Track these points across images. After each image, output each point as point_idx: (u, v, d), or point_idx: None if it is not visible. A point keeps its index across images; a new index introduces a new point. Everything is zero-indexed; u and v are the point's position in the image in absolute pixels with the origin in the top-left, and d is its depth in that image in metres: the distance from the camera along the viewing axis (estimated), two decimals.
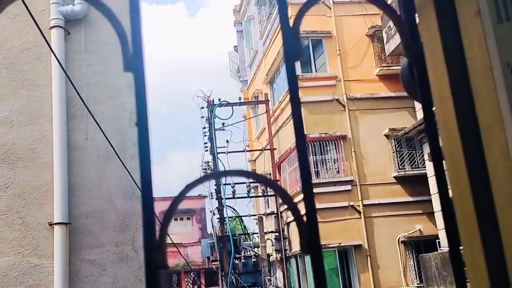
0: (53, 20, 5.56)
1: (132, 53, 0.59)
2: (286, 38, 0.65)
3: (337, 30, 18.66)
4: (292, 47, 0.65)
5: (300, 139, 0.69)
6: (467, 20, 0.63)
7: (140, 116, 0.58)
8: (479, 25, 0.61)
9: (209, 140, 19.98)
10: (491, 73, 0.60)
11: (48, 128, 5.31)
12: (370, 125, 17.72)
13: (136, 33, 0.59)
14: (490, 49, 0.61)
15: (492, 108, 0.60)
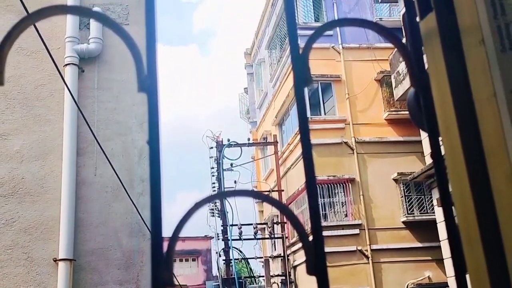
0: (68, 57, 5.69)
1: (146, 74, 0.61)
2: (295, 65, 0.67)
3: (346, 74, 18.87)
4: (302, 73, 0.66)
5: (306, 147, 0.70)
6: (471, 49, 0.64)
7: (152, 136, 0.59)
8: (483, 54, 0.63)
9: (217, 180, 19.97)
10: (495, 100, 0.61)
11: (57, 163, 5.35)
12: (378, 168, 17.66)
13: (151, 54, 0.61)
14: (494, 77, 0.62)
15: (496, 134, 0.61)
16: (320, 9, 20.20)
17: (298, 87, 0.67)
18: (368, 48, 18.93)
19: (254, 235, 19.76)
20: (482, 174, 0.61)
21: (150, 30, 0.63)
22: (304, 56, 0.68)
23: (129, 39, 0.63)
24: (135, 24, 6.12)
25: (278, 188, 19.86)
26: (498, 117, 0.60)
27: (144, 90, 0.62)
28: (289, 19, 0.65)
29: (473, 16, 0.65)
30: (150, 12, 0.62)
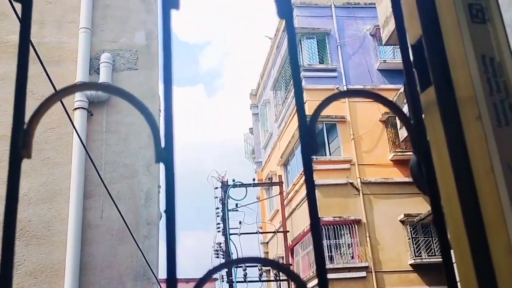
0: (78, 102, 5.79)
1: (163, 146, 0.65)
2: (302, 135, 0.71)
3: (351, 115, 19.02)
4: (309, 145, 0.70)
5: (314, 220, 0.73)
6: (469, 123, 0.68)
7: (168, 206, 0.63)
8: (480, 129, 0.67)
9: (222, 220, 19.86)
10: (492, 173, 0.65)
11: (64, 206, 5.37)
12: (385, 210, 17.55)
13: (169, 127, 0.65)
14: (490, 151, 0.66)
15: (495, 206, 0.64)
16: (324, 51, 20.54)
17: (306, 156, 0.70)
18: (373, 89, 19.14)
19: (259, 277, 19.49)
20: (482, 245, 0.64)
21: (167, 105, 0.67)
22: (312, 126, 0.72)
23: (147, 113, 0.67)
24: (143, 68, 6.26)
25: (284, 229, 19.71)
26: (495, 191, 0.63)
27: (162, 161, 0.66)
28: (298, 96, 0.69)
29: (470, 92, 0.69)
30: (168, 92, 0.67)
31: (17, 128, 0.63)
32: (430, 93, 0.74)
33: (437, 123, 0.73)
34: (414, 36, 0.77)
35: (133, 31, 6.43)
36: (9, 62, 6.04)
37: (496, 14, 0.71)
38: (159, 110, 6.54)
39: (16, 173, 0.62)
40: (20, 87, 0.64)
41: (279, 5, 0.79)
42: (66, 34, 6.24)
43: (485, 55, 0.69)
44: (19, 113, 0.64)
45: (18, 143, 0.62)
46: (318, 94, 19.24)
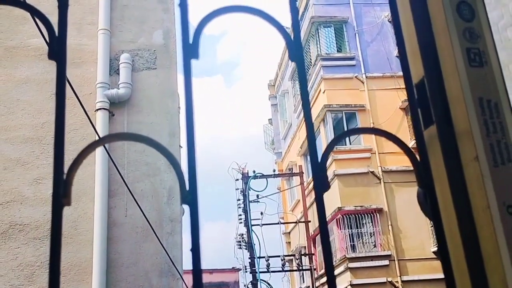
0: (99, 103, 5.92)
1: (188, 189, 0.72)
2: (314, 172, 0.77)
3: (370, 103, 18.92)
4: (321, 181, 0.76)
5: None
6: (467, 163, 0.74)
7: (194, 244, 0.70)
8: (478, 168, 0.72)
9: (244, 212, 20.02)
10: (489, 211, 0.70)
11: (90, 205, 5.52)
12: (406, 198, 17.48)
13: (192, 170, 0.72)
14: (487, 190, 0.71)
15: (491, 242, 0.70)
16: (342, 40, 20.42)
17: (319, 193, 0.77)
18: (392, 77, 18.98)
19: (282, 267, 19.63)
20: (481, 277, 0.70)
21: (190, 148, 0.74)
22: (323, 162, 0.79)
23: (173, 159, 0.74)
24: (162, 67, 6.35)
25: (305, 219, 19.79)
26: (492, 227, 0.69)
27: (187, 203, 0.73)
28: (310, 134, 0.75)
29: (468, 133, 0.74)
30: (190, 134, 0.74)
31: (58, 178, 0.71)
32: (433, 131, 0.79)
33: (439, 159, 0.78)
34: (418, 76, 0.82)
35: (151, 30, 6.52)
36: (31, 66, 6.19)
37: (493, 57, 0.76)
38: (178, 107, 6.64)
39: (58, 220, 0.69)
40: (58, 139, 0.71)
41: (291, 49, 0.85)
42: (85, 36, 6.36)
43: (482, 97, 0.74)
44: (59, 165, 0.71)
45: (59, 192, 0.70)
46: (337, 83, 19.18)
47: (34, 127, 5.86)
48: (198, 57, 0.83)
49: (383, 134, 0.83)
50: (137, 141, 0.77)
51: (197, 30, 0.84)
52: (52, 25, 0.78)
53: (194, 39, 0.83)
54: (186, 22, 0.83)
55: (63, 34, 0.74)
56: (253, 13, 0.83)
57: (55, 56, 0.74)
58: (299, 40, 0.85)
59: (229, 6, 0.83)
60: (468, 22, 0.78)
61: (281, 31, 0.85)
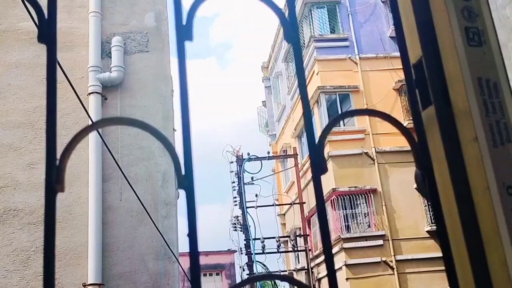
0: (91, 86, 5.87)
1: (184, 173, 0.71)
2: (312, 154, 0.76)
3: (364, 84, 18.89)
4: (318, 163, 0.75)
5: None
6: (466, 144, 0.73)
7: (191, 229, 0.69)
8: (477, 149, 0.71)
9: (238, 194, 20.08)
10: (488, 192, 0.70)
11: (84, 190, 5.50)
12: (400, 178, 17.57)
13: (188, 155, 0.71)
14: (487, 170, 0.71)
15: (491, 223, 0.69)
16: (335, 21, 20.29)
17: (316, 175, 0.76)
18: (385, 58, 18.94)
19: (277, 249, 19.78)
20: (481, 257, 0.70)
21: (185, 133, 0.73)
22: (320, 146, 0.77)
23: (167, 143, 0.73)
24: (155, 50, 6.29)
25: (300, 201, 19.88)
26: (491, 208, 0.68)
27: (183, 188, 0.72)
28: (307, 117, 0.74)
29: (467, 113, 0.73)
30: (185, 120, 0.72)
31: (50, 164, 0.69)
32: (431, 111, 0.78)
33: (438, 140, 0.78)
34: (415, 56, 0.81)
35: (143, 13, 6.44)
36: (22, 50, 6.11)
37: (492, 36, 0.75)
38: (172, 90, 6.59)
39: (51, 207, 0.68)
40: (50, 124, 0.70)
41: (286, 30, 0.84)
42: (76, 19, 6.28)
43: (481, 77, 0.73)
44: (51, 150, 0.70)
45: (52, 178, 0.69)
46: (330, 64, 19.11)
47: (26, 112, 5.81)
48: (192, 39, 0.81)
49: (380, 115, 0.82)
50: (131, 126, 0.76)
51: (191, 12, 0.82)
52: (41, 8, 0.76)
53: (187, 20, 0.81)
54: (179, 4, 0.81)
55: (53, 16, 0.72)
56: None
57: (45, 39, 0.72)
58: (294, 20, 0.83)
59: None
60: (467, 1, 0.77)
61: (276, 11, 0.83)
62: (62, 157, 0.70)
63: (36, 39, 0.78)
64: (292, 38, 0.82)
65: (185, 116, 0.74)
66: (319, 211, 0.80)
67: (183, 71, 0.79)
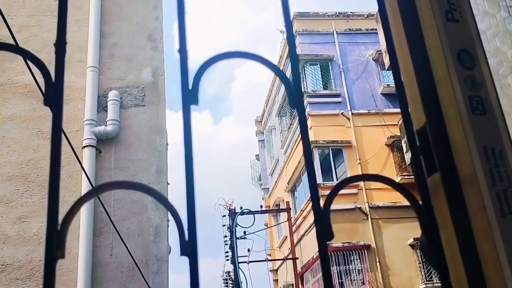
0: (86, 140, 5.86)
1: (187, 240, 0.69)
2: (317, 220, 0.75)
3: (356, 139, 19.05)
4: (324, 229, 0.74)
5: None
6: (474, 213, 0.72)
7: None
8: (485, 218, 0.71)
9: (230, 248, 19.76)
10: (499, 262, 0.68)
11: (74, 244, 5.39)
12: (394, 234, 17.43)
13: (192, 221, 0.69)
14: (496, 240, 0.70)
15: None
16: (328, 77, 20.69)
17: (321, 242, 0.74)
18: (377, 114, 19.21)
19: None
20: None
21: (189, 197, 0.72)
22: (326, 211, 0.76)
23: (172, 209, 0.72)
24: (150, 104, 6.34)
25: (293, 256, 19.58)
26: (503, 279, 0.67)
27: (186, 254, 0.70)
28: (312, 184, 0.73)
29: (473, 182, 0.73)
30: (189, 182, 0.72)
31: (51, 230, 0.68)
32: (436, 178, 0.78)
33: (444, 206, 0.77)
34: (419, 122, 0.81)
35: (140, 68, 6.54)
36: (18, 103, 6.14)
37: (496, 104, 0.76)
38: (166, 144, 6.60)
39: (51, 273, 0.66)
40: (52, 191, 0.69)
41: (291, 95, 0.84)
42: (74, 73, 6.35)
43: (487, 146, 0.73)
44: (53, 216, 0.68)
45: (52, 245, 0.67)
46: (323, 119, 19.33)
47: (19, 165, 5.77)
48: (198, 103, 0.81)
49: (386, 181, 0.82)
50: (136, 190, 0.75)
51: (196, 77, 0.83)
52: (49, 71, 0.77)
53: (193, 85, 0.81)
54: (186, 68, 0.82)
55: (60, 81, 0.73)
56: (253, 59, 0.83)
57: (52, 104, 0.72)
58: (299, 86, 0.84)
59: (229, 52, 0.82)
60: (469, 70, 0.78)
61: (282, 78, 0.84)
62: (64, 222, 0.68)
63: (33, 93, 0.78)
64: (297, 104, 0.83)
65: (189, 181, 0.73)
66: (324, 278, 0.78)
67: (188, 134, 0.79)
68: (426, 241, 0.84)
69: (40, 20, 6.54)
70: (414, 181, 0.81)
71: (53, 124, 0.73)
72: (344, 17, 21.21)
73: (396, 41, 0.85)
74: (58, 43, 0.72)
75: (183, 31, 0.82)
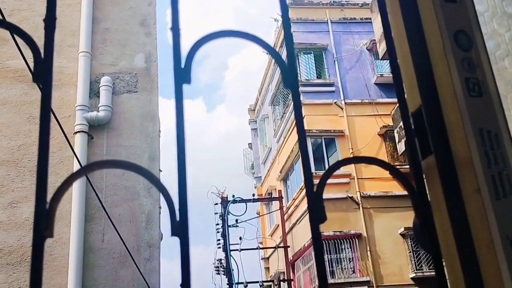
0: (78, 125, 5.82)
1: (178, 220, 0.68)
2: (310, 202, 0.74)
3: (349, 129, 19.07)
4: (317, 211, 0.73)
5: None
6: (469, 195, 0.72)
7: (184, 278, 0.66)
8: (480, 201, 0.70)
9: (222, 236, 19.81)
10: (492, 245, 0.68)
11: (65, 230, 5.37)
12: (385, 223, 17.54)
13: (183, 201, 0.68)
14: (490, 223, 0.69)
15: (496, 278, 0.67)
16: (322, 66, 20.66)
17: (315, 225, 0.73)
18: (370, 103, 19.22)
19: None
20: None
21: (181, 177, 0.70)
22: (318, 193, 0.76)
23: (163, 188, 0.71)
24: (143, 91, 6.30)
25: (284, 244, 19.66)
26: (496, 263, 0.66)
27: (177, 235, 0.69)
28: (305, 164, 0.72)
29: (468, 164, 0.73)
30: (181, 165, 0.70)
31: (40, 209, 0.66)
32: (431, 160, 0.77)
33: (438, 189, 0.76)
34: (414, 105, 0.80)
35: (133, 53, 6.48)
36: (9, 87, 6.08)
37: (492, 87, 0.75)
38: (159, 131, 6.57)
39: (39, 253, 0.65)
40: (41, 168, 0.67)
41: (285, 76, 0.83)
42: (66, 58, 6.29)
43: (483, 128, 0.72)
44: (41, 194, 0.67)
45: (40, 224, 0.65)
46: (316, 109, 19.31)
47: (10, 150, 5.72)
48: (190, 81, 0.80)
49: (378, 163, 0.81)
50: (126, 169, 0.73)
51: (189, 55, 0.81)
52: (38, 47, 0.75)
53: (186, 63, 0.80)
54: (178, 47, 0.80)
55: (49, 56, 0.71)
56: (248, 39, 0.81)
57: (41, 79, 0.71)
58: (294, 67, 0.83)
59: (223, 31, 0.80)
60: (466, 52, 0.77)
61: (276, 59, 0.83)
62: (52, 201, 0.67)
63: (25, 77, 0.77)
64: (292, 84, 0.82)
65: (181, 163, 0.72)
66: (317, 262, 0.77)
67: (180, 113, 0.78)
68: (419, 225, 0.83)
69: (31, 3, 6.46)
70: (408, 168, 0.80)
71: (42, 101, 0.71)
72: (338, 6, 21.13)
73: (393, 23, 0.84)
74: (47, 18, 0.70)
75: (176, 8, 0.81)
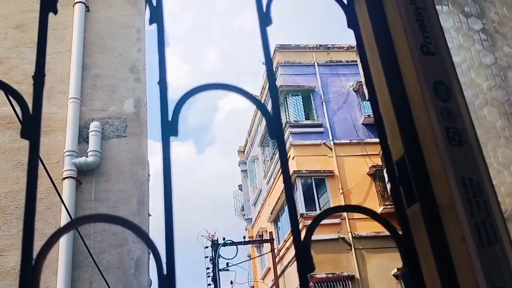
0: (66, 171, 5.79)
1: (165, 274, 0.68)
2: (298, 252, 0.75)
3: (339, 169, 19.13)
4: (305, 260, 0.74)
5: None
6: (454, 244, 0.72)
7: None
8: (465, 249, 0.71)
9: (213, 281, 19.47)
10: None
11: (52, 278, 5.26)
12: (378, 264, 17.37)
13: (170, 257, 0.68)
14: (476, 271, 0.70)
15: None
16: (310, 108, 20.89)
17: (303, 274, 0.73)
18: (359, 144, 19.37)
19: None
20: None
21: (168, 229, 0.71)
22: (306, 242, 0.76)
23: (151, 244, 0.71)
24: (133, 135, 6.31)
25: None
26: None
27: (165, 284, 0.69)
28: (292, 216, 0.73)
29: (453, 213, 0.74)
30: (168, 216, 0.71)
31: (26, 265, 0.66)
32: (416, 208, 0.78)
33: (424, 237, 0.77)
34: (397, 153, 0.82)
35: (122, 99, 6.53)
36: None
37: (472, 135, 0.77)
38: (148, 175, 6.55)
39: None
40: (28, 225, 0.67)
41: (270, 126, 0.85)
42: (55, 104, 6.31)
43: (465, 177, 0.74)
44: (28, 250, 0.67)
45: (27, 280, 0.65)
46: (305, 149, 19.41)
47: None
48: (177, 134, 0.81)
49: (368, 213, 0.82)
50: (113, 223, 0.74)
51: (176, 108, 0.82)
52: (26, 103, 0.76)
53: (173, 117, 0.81)
54: (165, 100, 0.82)
55: (38, 113, 0.72)
56: (233, 91, 0.83)
57: (29, 136, 0.71)
58: (279, 117, 0.85)
59: (209, 84, 0.82)
60: (445, 102, 0.79)
61: (262, 110, 0.85)
62: (39, 257, 0.67)
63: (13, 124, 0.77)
64: (277, 134, 0.83)
65: (168, 216, 0.73)
66: None
67: (167, 166, 0.79)
68: (408, 273, 0.83)
69: (21, 52, 6.53)
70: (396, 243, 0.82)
71: (30, 156, 0.72)
72: (325, 49, 21.57)
73: (374, 74, 0.87)
74: (36, 76, 0.71)
75: (163, 63, 0.83)
